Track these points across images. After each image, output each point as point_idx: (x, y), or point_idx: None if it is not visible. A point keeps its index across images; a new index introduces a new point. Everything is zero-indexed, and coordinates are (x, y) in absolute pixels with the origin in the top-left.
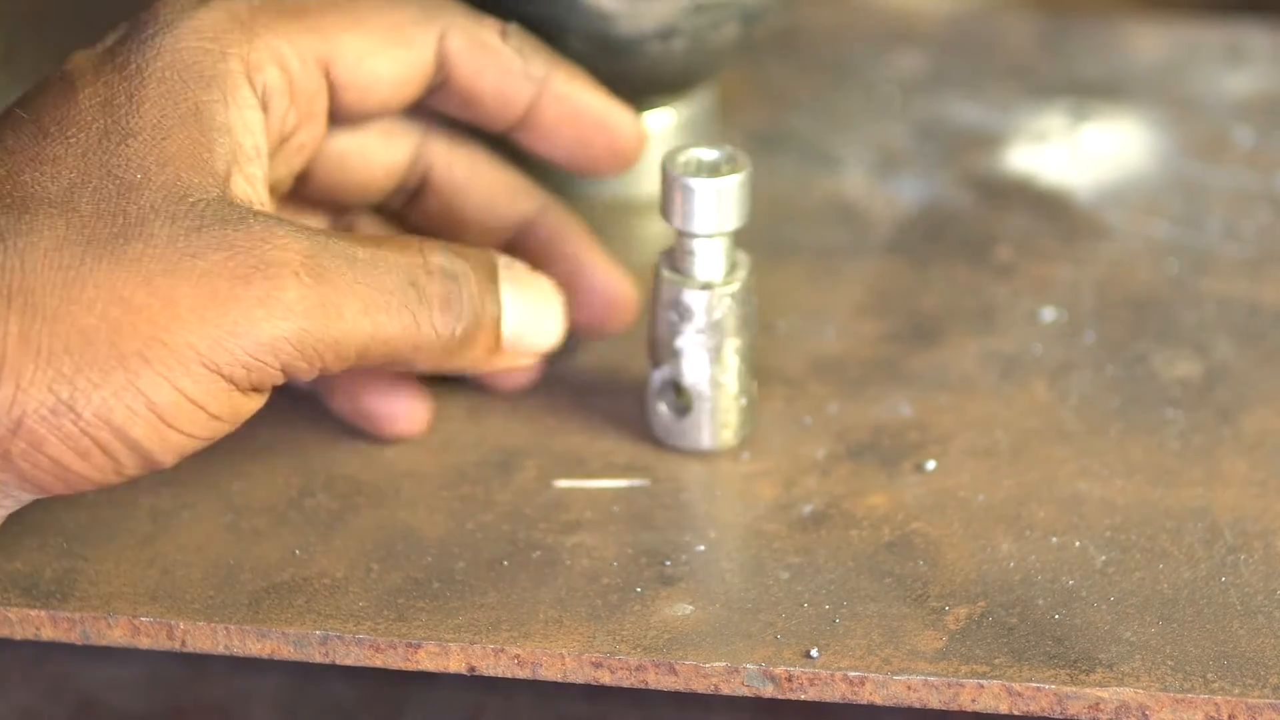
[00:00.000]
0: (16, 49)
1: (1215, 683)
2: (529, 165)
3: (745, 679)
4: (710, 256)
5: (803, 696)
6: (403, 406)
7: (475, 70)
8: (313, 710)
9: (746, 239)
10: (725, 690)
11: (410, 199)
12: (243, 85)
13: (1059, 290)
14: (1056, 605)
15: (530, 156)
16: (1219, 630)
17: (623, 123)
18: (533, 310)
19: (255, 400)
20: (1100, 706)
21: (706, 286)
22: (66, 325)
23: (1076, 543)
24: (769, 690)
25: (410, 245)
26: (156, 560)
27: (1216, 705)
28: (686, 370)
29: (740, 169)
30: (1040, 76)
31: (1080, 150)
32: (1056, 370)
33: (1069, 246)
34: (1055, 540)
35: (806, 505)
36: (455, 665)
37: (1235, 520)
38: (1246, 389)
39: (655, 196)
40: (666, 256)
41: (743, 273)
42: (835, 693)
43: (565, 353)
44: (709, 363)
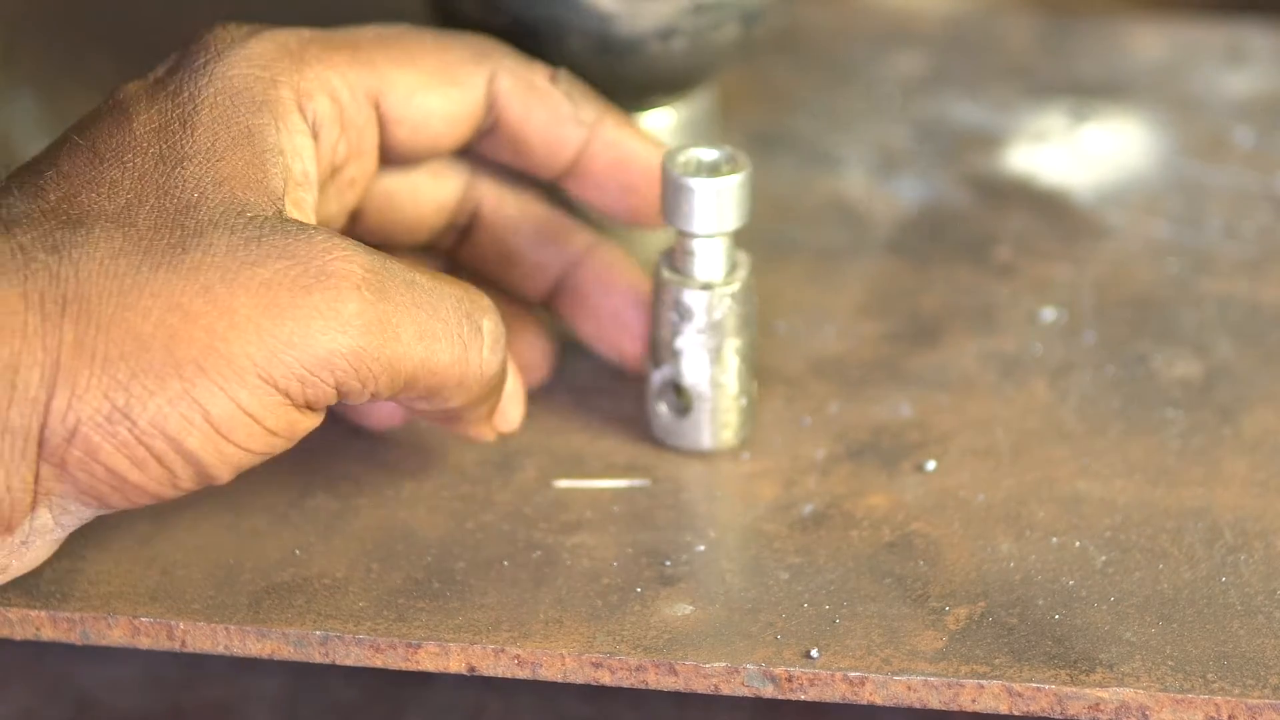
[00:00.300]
0: (16, 49)
1: (1215, 683)
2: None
3: (745, 679)
4: (710, 257)
5: (803, 696)
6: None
7: (524, 113)
8: (313, 710)
9: (746, 239)
10: (725, 690)
11: (460, 238)
12: (293, 111)
13: (1059, 290)
14: (1056, 605)
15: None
16: (1219, 630)
17: None
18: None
19: (311, 418)
20: (1100, 707)
21: (707, 287)
22: (122, 332)
23: (1076, 543)
24: (769, 690)
25: (465, 282)
26: (156, 560)
27: (1216, 705)
28: (686, 370)
29: (740, 169)
30: (1040, 76)
31: (1080, 150)
32: (1056, 370)
33: (1069, 246)
34: (1055, 540)
35: (806, 505)
36: (455, 665)
37: (1235, 520)
38: (1246, 389)
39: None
40: (667, 257)
41: (743, 273)
42: (835, 693)
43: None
44: (709, 363)
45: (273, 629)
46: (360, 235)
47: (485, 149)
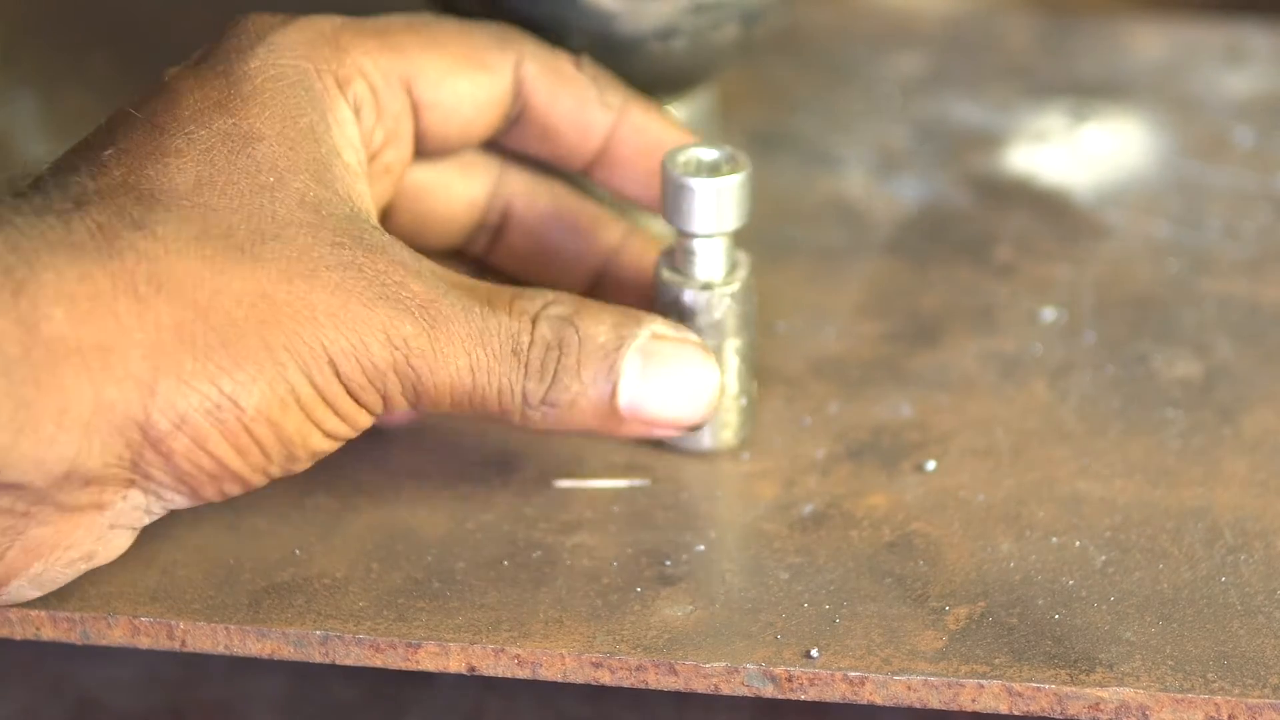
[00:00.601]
0: (16, 49)
1: (1215, 683)
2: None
3: (745, 679)
4: (710, 256)
5: (803, 696)
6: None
7: (551, 99)
8: (313, 710)
9: (746, 239)
10: (725, 690)
11: (493, 241)
12: (339, 103)
13: (1059, 290)
14: (1056, 605)
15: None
16: (1219, 630)
17: None
18: (665, 384)
19: (366, 417)
20: (1100, 706)
21: (706, 287)
22: (220, 317)
23: (1076, 543)
24: (769, 690)
25: (523, 310)
26: (156, 560)
27: (1216, 705)
28: None
29: (740, 169)
30: (1040, 76)
31: (1080, 150)
32: (1056, 370)
33: (1069, 246)
34: (1055, 540)
35: (806, 505)
36: (455, 665)
37: (1235, 520)
38: (1246, 389)
39: None
40: (667, 256)
41: (743, 273)
42: (835, 693)
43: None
44: None
45: (273, 629)
46: (392, 233)
47: (513, 140)
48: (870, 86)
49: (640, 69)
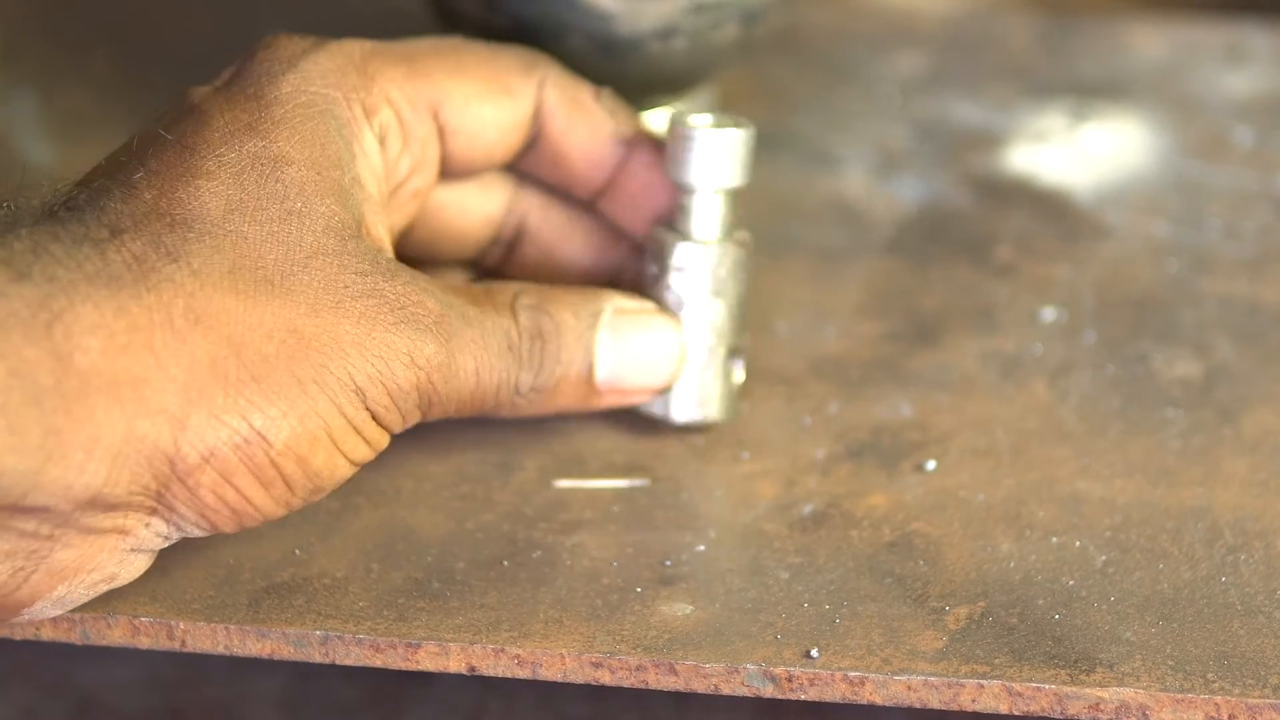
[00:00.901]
0: (16, 49)
1: (1215, 683)
2: None
3: (745, 679)
4: (706, 213)
5: (803, 696)
6: None
7: (567, 127)
8: (313, 710)
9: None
10: (725, 690)
11: (506, 253)
12: (366, 133)
13: (1059, 290)
14: (1056, 605)
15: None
16: (1219, 630)
17: None
18: (636, 354)
19: (386, 438)
20: (1100, 706)
21: (699, 243)
22: (252, 353)
23: (1076, 543)
24: (769, 690)
25: (503, 302)
26: (157, 560)
27: (1216, 705)
28: None
29: (744, 128)
30: (1040, 76)
31: (1080, 150)
32: (1056, 370)
33: (1069, 246)
34: (1055, 540)
35: (806, 505)
36: (455, 665)
37: (1235, 520)
38: (1246, 389)
39: None
40: (662, 218)
41: (738, 235)
42: (835, 693)
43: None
44: (689, 323)
45: (273, 629)
46: (408, 248)
47: (525, 164)
48: (870, 86)
49: (640, 69)
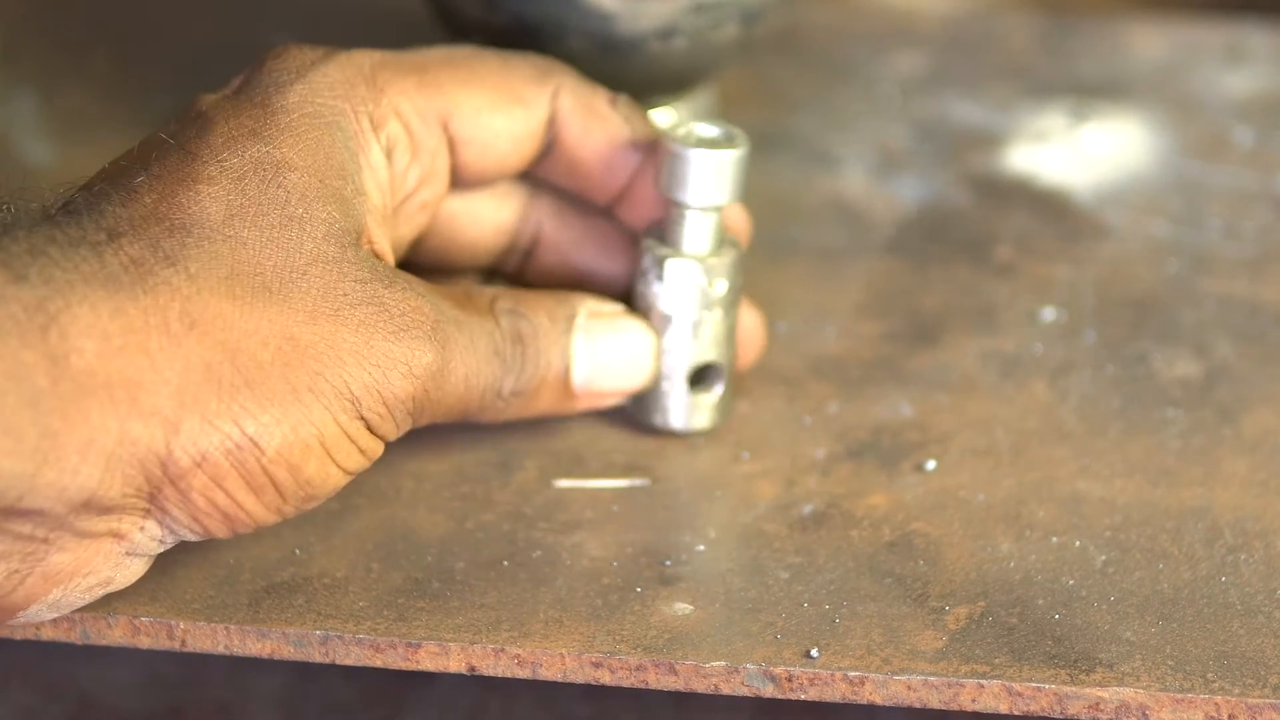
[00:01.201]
0: (16, 49)
1: (1215, 683)
2: None
3: (745, 679)
4: (699, 230)
5: (803, 696)
6: None
7: (582, 135)
8: (313, 710)
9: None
10: (725, 690)
11: (524, 260)
12: (372, 145)
13: (1059, 290)
14: (1056, 605)
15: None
16: (1219, 630)
17: None
18: (611, 357)
19: (380, 446)
20: (1100, 706)
21: (691, 259)
22: (246, 359)
23: (1076, 543)
24: (769, 690)
25: (484, 305)
26: (157, 560)
27: (1216, 705)
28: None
29: (737, 146)
30: (1040, 76)
31: (1080, 150)
32: (1056, 370)
33: (1069, 246)
34: (1055, 540)
35: (806, 505)
36: (455, 665)
37: (1235, 520)
38: (1246, 389)
39: None
40: (655, 225)
41: (730, 250)
42: (835, 693)
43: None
44: (675, 336)
45: (273, 629)
46: (421, 257)
47: (541, 172)
48: (870, 86)
49: (640, 69)
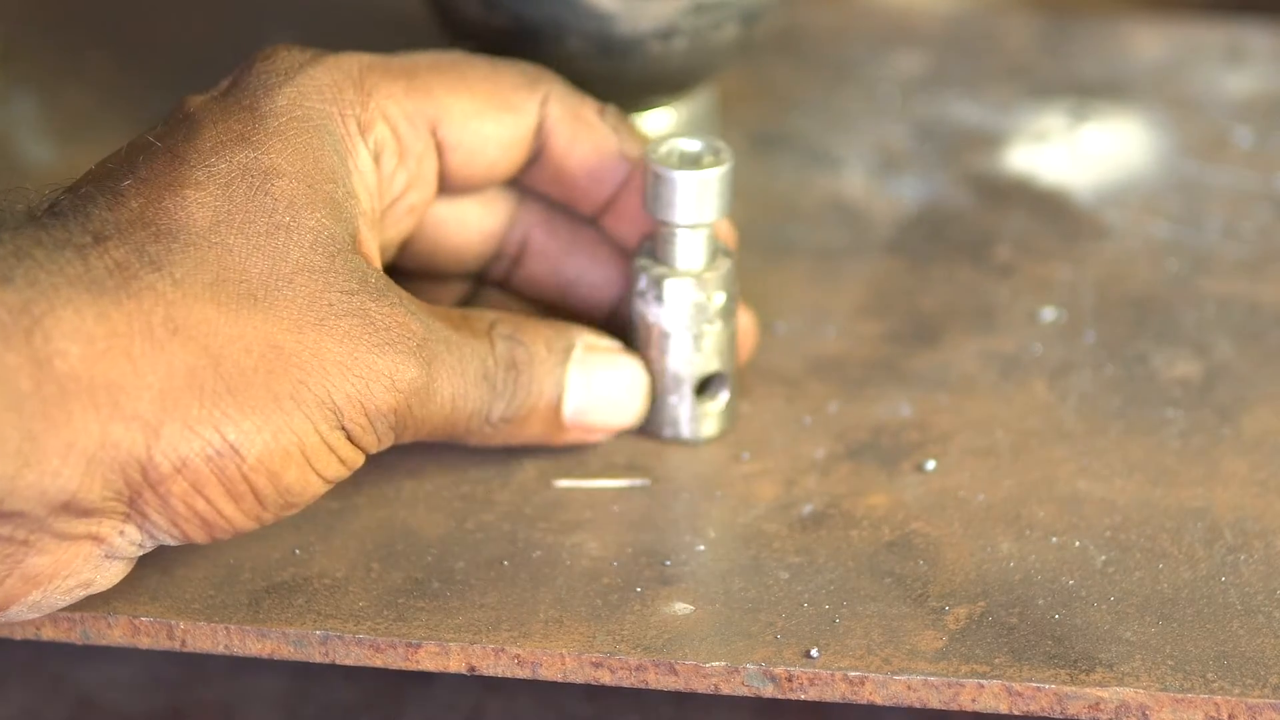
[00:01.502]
0: (16, 49)
1: (1215, 683)
2: None
3: (745, 679)
4: (690, 247)
5: (803, 696)
6: None
7: (570, 143)
8: (313, 710)
9: (747, 239)
10: (725, 690)
11: (512, 267)
12: (360, 148)
13: (1059, 290)
14: (1056, 605)
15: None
16: (1219, 630)
17: None
18: (603, 392)
19: (361, 457)
20: (1100, 706)
21: (672, 271)
22: (229, 365)
23: (1076, 543)
24: (769, 690)
25: (481, 329)
26: (156, 560)
27: (1216, 705)
28: (662, 357)
29: (722, 162)
30: (1040, 76)
31: (1080, 150)
32: (1056, 370)
33: (1069, 246)
34: (1055, 540)
35: (806, 505)
36: (455, 665)
37: (1235, 520)
38: (1246, 389)
39: None
40: (647, 243)
41: (723, 263)
42: (835, 693)
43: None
44: (679, 351)
45: (273, 629)
46: (407, 261)
47: (529, 179)
48: (870, 86)
49: (640, 69)
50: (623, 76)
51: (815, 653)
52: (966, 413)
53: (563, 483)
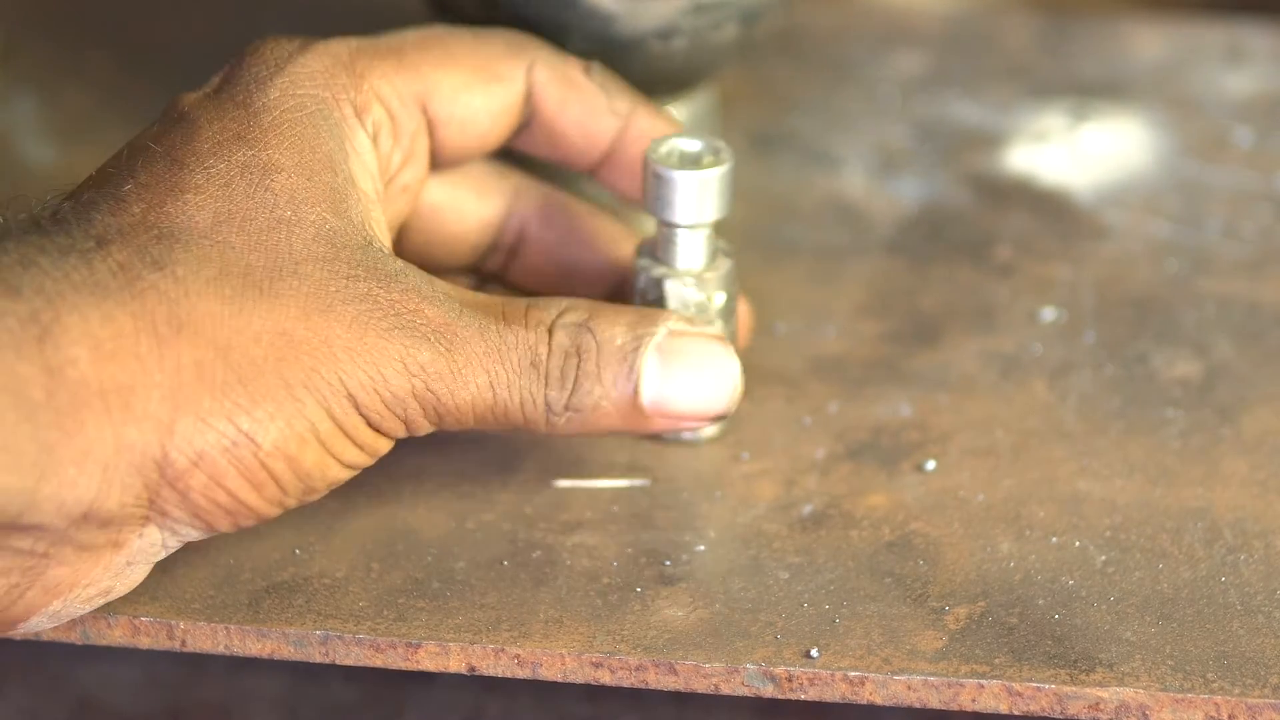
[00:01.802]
0: (16, 49)
1: (1215, 683)
2: (533, 165)
3: (745, 679)
4: (691, 246)
5: (803, 696)
6: None
7: (561, 105)
8: (313, 710)
9: (747, 239)
10: (725, 690)
11: (510, 258)
12: (358, 132)
13: (1059, 290)
14: (1056, 605)
15: (536, 160)
16: (1219, 630)
17: None
18: (687, 379)
19: (386, 443)
20: (1100, 706)
21: (686, 276)
22: (239, 356)
23: (1076, 543)
24: (769, 690)
25: (538, 320)
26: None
27: (1216, 705)
28: None
29: (722, 162)
30: (1040, 76)
31: (1080, 150)
32: (1056, 370)
33: (1069, 246)
34: (1055, 540)
35: (806, 505)
36: (455, 665)
37: (1235, 520)
38: (1246, 389)
39: None
40: (647, 244)
41: (723, 263)
42: (835, 693)
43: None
44: None
45: (273, 629)
46: (405, 253)
47: (521, 144)
48: (870, 86)
49: (640, 69)
50: (623, 76)
51: (815, 653)
52: (966, 413)
53: (563, 483)
